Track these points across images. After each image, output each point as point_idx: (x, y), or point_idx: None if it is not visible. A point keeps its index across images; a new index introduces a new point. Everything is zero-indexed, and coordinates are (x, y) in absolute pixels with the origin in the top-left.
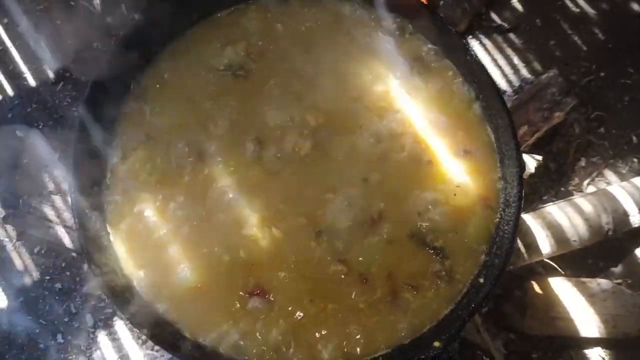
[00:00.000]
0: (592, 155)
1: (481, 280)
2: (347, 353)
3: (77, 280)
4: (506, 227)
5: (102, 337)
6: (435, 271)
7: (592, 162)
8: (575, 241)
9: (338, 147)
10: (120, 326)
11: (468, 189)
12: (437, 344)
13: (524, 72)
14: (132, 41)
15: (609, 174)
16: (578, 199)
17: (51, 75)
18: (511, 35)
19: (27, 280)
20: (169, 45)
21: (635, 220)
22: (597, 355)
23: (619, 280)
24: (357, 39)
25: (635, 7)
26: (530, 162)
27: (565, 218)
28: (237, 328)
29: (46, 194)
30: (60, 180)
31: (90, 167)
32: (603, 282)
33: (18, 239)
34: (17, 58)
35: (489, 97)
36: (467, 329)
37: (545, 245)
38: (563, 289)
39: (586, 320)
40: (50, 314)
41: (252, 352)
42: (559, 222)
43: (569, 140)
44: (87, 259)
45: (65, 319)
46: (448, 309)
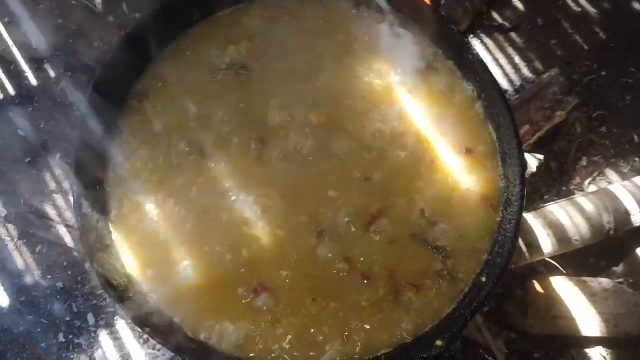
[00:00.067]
0: (594, 155)
1: (483, 279)
2: (349, 352)
3: (79, 279)
4: (508, 226)
5: (103, 336)
6: (437, 270)
7: (593, 161)
8: (576, 240)
9: (340, 146)
10: (122, 325)
11: (470, 188)
12: (439, 343)
13: (526, 72)
14: (134, 40)
15: (611, 173)
16: (580, 198)
17: (52, 74)
18: (513, 35)
19: (28, 280)
20: (171, 45)
21: (637, 219)
22: (599, 355)
23: (621, 280)
24: (359, 38)
25: (637, 7)
26: (532, 161)
27: (566, 217)
28: (239, 326)
29: (48, 193)
30: (61, 180)
31: (92, 166)
32: (604, 282)
33: (19, 238)
34: (19, 57)
35: (491, 96)
36: (468, 328)
37: (547, 244)
38: (564, 288)
39: (588, 320)
40: (52, 314)
41: (254, 351)
42: (560, 221)
43: (571, 139)
44: (89, 258)
45: (67, 318)
46: (450, 308)
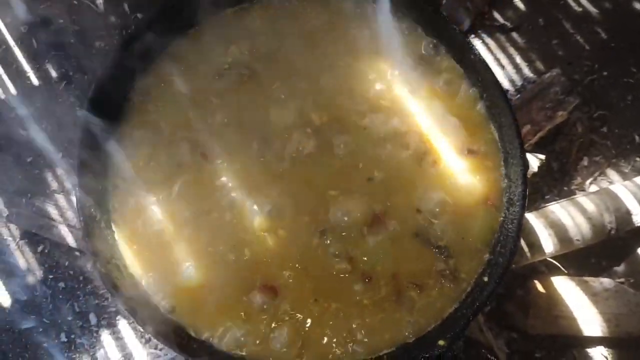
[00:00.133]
0: (595, 155)
1: (485, 279)
2: (351, 351)
3: (81, 279)
4: (510, 225)
5: (105, 336)
6: (439, 270)
7: (594, 161)
8: (578, 240)
9: (342, 146)
10: (124, 325)
11: (472, 188)
12: (441, 342)
13: (527, 72)
14: (136, 40)
15: (612, 173)
16: (581, 198)
17: (54, 74)
18: (514, 35)
19: (30, 280)
20: (173, 45)
21: (638, 219)
22: (600, 354)
23: (622, 280)
24: (361, 38)
25: (638, 6)
26: (533, 161)
27: (568, 217)
28: (241, 326)
29: (49, 193)
30: (63, 179)
31: (95, 165)
32: (606, 281)
33: (21, 238)
34: (20, 57)
35: (493, 96)
36: (470, 328)
37: (548, 244)
38: (566, 288)
39: (589, 320)
40: (54, 313)
41: (256, 351)
42: (561, 221)
43: (572, 139)
44: (91, 257)
45: (69, 318)
46: (452, 308)
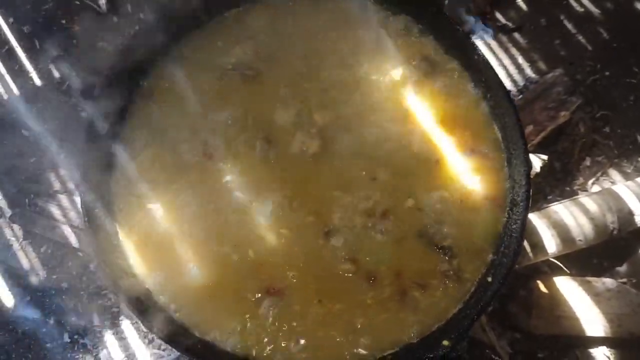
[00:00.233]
0: (597, 155)
1: (489, 279)
2: (355, 352)
3: (84, 279)
4: (514, 226)
5: (108, 336)
6: (443, 270)
7: (597, 161)
8: (580, 240)
9: (346, 145)
10: (127, 325)
11: (475, 188)
12: (446, 342)
13: (529, 72)
14: (140, 41)
15: (614, 174)
16: (583, 198)
17: (57, 74)
18: (516, 35)
19: (33, 280)
20: (177, 45)
21: None
22: (603, 355)
23: (624, 280)
24: (364, 38)
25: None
26: (536, 161)
27: (570, 217)
28: (245, 327)
29: (52, 193)
30: (66, 180)
31: (99, 166)
32: (608, 282)
33: (24, 238)
34: (23, 58)
35: (496, 96)
36: (473, 328)
37: (551, 244)
38: (568, 288)
39: (591, 320)
40: (57, 314)
41: (260, 351)
42: (564, 221)
43: (574, 139)
44: (96, 258)
45: (72, 319)
46: (456, 308)
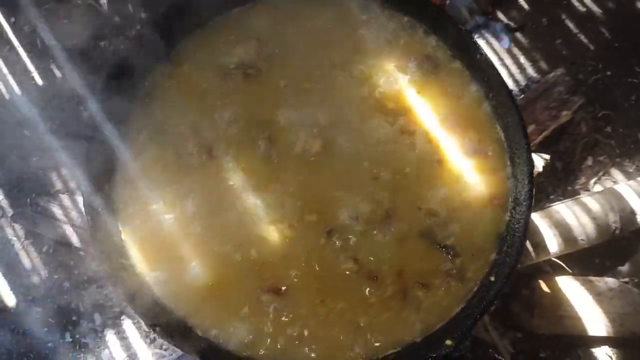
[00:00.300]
0: (599, 154)
1: (492, 278)
2: (358, 351)
3: (85, 279)
4: (517, 225)
5: (110, 336)
6: (446, 270)
7: (598, 160)
8: (582, 240)
9: (349, 145)
10: (129, 325)
11: (478, 188)
12: (449, 342)
13: (531, 71)
14: (142, 40)
15: (616, 173)
16: (585, 197)
17: (58, 74)
18: (517, 35)
19: (35, 279)
20: (179, 44)
21: None
22: (605, 354)
23: (626, 279)
24: (366, 38)
25: None
26: (538, 161)
27: (572, 217)
28: (248, 326)
29: (54, 193)
30: (68, 179)
31: (101, 165)
32: (610, 281)
33: (26, 238)
34: (25, 57)
35: (498, 96)
36: (476, 327)
37: (553, 244)
38: (570, 287)
39: (593, 319)
40: (58, 313)
41: (263, 350)
42: (566, 221)
43: (576, 139)
44: (98, 257)
45: (74, 318)
46: (459, 307)
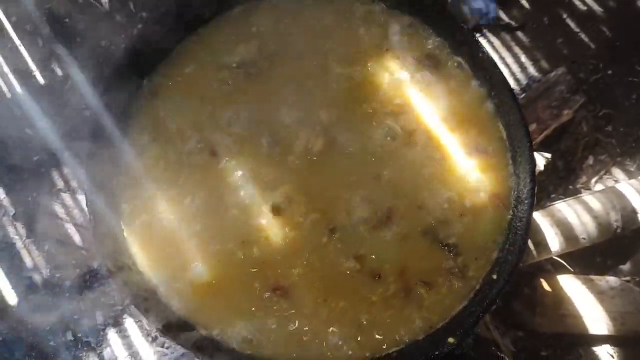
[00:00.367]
0: (600, 153)
1: (494, 276)
2: (360, 349)
3: (87, 277)
4: (519, 223)
5: (112, 334)
6: (448, 268)
7: (600, 160)
8: (584, 239)
9: (351, 144)
10: (131, 323)
11: (480, 186)
12: (451, 340)
13: (532, 70)
14: (143, 39)
15: (617, 172)
16: (587, 196)
17: (60, 73)
18: (519, 34)
19: (36, 278)
20: (181, 43)
21: None
22: (606, 353)
23: (627, 278)
24: (368, 36)
25: None
26: (539, 160)
27: (574, 216)
28: (250, 324)
29: (55, 191)
30: (69, 178)
31: (103, 164)
32: (611, 280)
33: (28, 236)
34: (26, 56)
35: (500, 94)
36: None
37: (554, 242)
38: (572, 286)
39: (595, 318)
40: (60, 312)
41: (265, 348)
42: (568, 219)
43: (577, 138)
44: (100, 256)
45: (75, 317)
46: (462, 305)
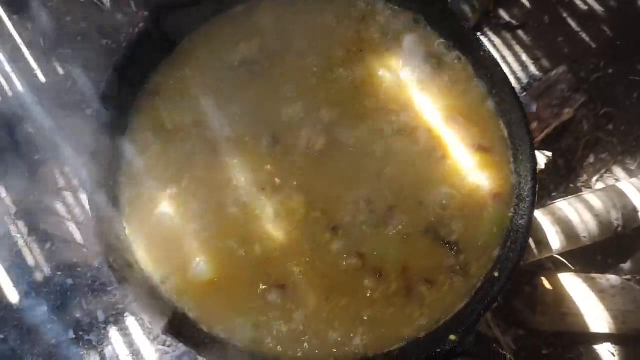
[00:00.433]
0: (601, 152)
1: (496, 274)
2: (362, 347)
3: (88, 276)
4: (520, 221)
5: (113, 332)
6: (449, 265)
7: (600, 158)
8: (585, 237)
9: (352, 142)
10: (132, 322)
11: (482, 184)
12: (453, 337)
13: (533, 69)
14: (145, 38)
15: (618, 171)
16: (588, 195)
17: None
18: (520, 32)
19: (38, 276)
20: (182, 42)
21: None
22: (607, 351)
23: (628, 277)
24: (370, 34)
25: None
26: (540, 158)
27: (575, 214)
28: (252, 322)
29: (57, 190)
30: (71, 177)
31: (105, 163)
32: (612, 278)
33: (29, 235)
34: (28, 55)
35: (502, 93)
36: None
37: (555, 241)
38: (573, 285)
39: (596, 316)
40: (62, 310)
41: (267, 346)
42: (568, 218)
43: (578, 136)
44: (102, 254)
45: (77, 315)
46: (463, 303)
